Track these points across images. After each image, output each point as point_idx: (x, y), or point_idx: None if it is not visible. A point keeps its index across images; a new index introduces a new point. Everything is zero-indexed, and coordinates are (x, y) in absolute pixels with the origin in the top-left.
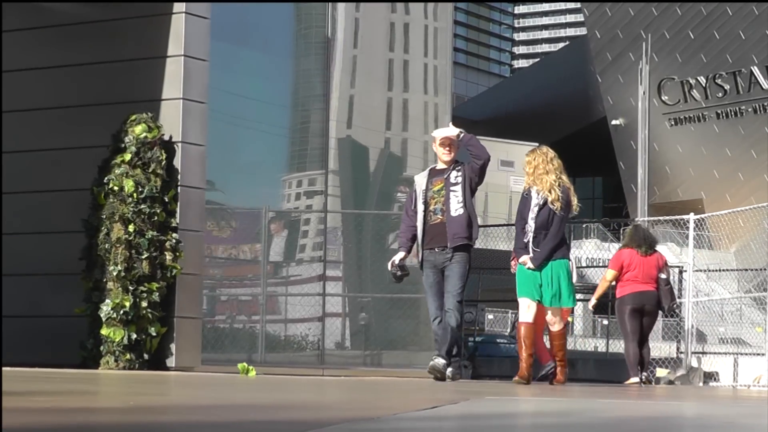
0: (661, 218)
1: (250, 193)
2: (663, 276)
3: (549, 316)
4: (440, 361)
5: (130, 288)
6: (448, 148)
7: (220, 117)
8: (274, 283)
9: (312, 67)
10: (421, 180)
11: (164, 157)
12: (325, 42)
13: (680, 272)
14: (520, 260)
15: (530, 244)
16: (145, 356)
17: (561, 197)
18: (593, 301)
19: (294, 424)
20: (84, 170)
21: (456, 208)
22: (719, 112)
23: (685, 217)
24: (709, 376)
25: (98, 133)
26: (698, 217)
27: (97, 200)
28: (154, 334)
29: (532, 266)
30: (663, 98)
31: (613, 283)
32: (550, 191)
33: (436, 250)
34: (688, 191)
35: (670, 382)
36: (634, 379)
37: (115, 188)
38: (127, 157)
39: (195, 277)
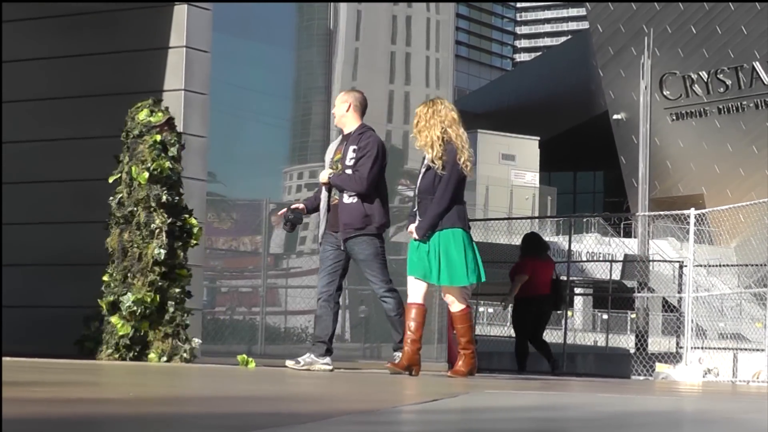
0: (661, 213)
1: (251, 184)
2: (555, 278)
3: (445, 296)
4: (303, 358)
5: (150, 281)
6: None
7: (222, 108)
8: (275, 275)
9: (314, 59)
10: (331, 147)
11: (175, 140)
12: (327, 34)
13: (680, 267)
14: (408, 230)
15: (417, 211)
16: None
17: (444, 154)
18: (510, 300)
19: (294, 416)
20: (86, 160)
21: (350, 193)
22: (721, 107)
23: (685, 212)
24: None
25: (100, 123)
26: (699, 212)
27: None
28: (188, 322)
29: (416, 236)
30: (665, 93)
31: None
32: (431, 147)
33: (338, 232)
34: (689, 186)
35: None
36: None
37: (125, 178)
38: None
39: (196, 268)
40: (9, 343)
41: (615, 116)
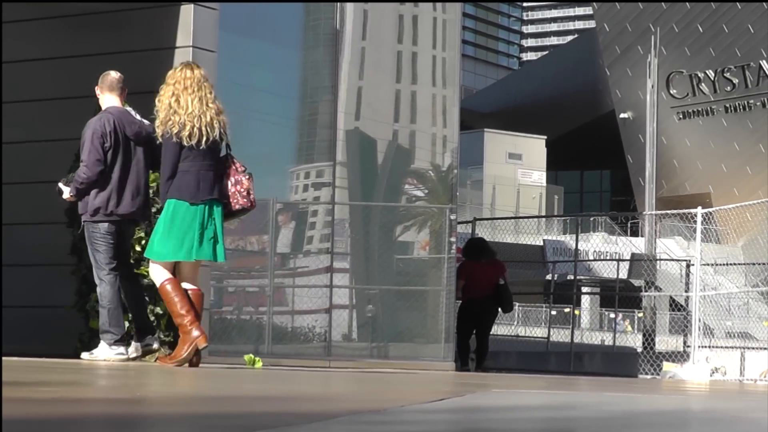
0: (668, 212)
1: (258, 184)
2: (502, 282)
3: None
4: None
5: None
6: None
7: (228, 108)
8: (282, 274)
9: (320, 59)
10: None
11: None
12: (333, 34)
13: (687, 266)
14: None
15: None
16: (161, 336)
17: (162, 123)
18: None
19: (301, 415)
20: None
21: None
22: (727, 105)
23: (692, 210)
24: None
25: None
26: (706, 210)
27: None
28: (160, 312)
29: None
30: (671, 92)
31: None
32: (159, 113)
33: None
34: (696, 185)
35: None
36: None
37: None
38: None
39: (203, 268)
40: (13, 343)
41: (622, 115)
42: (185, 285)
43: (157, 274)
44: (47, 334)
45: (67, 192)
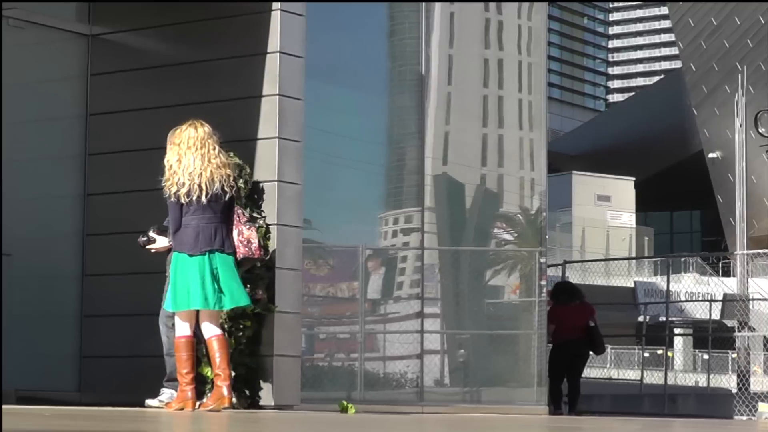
0: (760, 251)
1: (347, 231)
2: (592, 324)
3: None
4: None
5: (225, 326)
6: None
7: (316, 155)
8: (372, 320)
9: (406, 105)
10: None
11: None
12: (419, 79)
13: None
14: None
15: None
16: (246, 392)
17: (167, 179)
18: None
19: None
20: None
21: None
22: None
23: None
24: None
25: None
26: None
27: None
28: (254, 366)
29: None
30: (760, 130)
31: None
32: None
33: None
34: None
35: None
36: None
37: None
38: None
39: (294, 315)
40: (111, 392)
41: (710, 155)
42: (208, 327)
43: (177, 327)
44: (135, 384)
45: (165, 241)
